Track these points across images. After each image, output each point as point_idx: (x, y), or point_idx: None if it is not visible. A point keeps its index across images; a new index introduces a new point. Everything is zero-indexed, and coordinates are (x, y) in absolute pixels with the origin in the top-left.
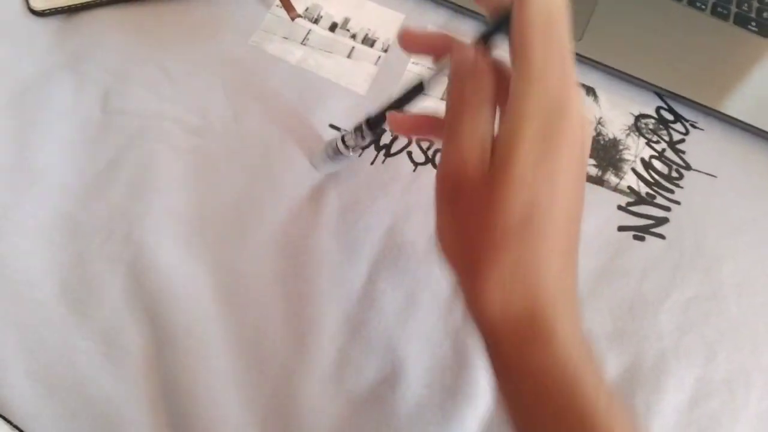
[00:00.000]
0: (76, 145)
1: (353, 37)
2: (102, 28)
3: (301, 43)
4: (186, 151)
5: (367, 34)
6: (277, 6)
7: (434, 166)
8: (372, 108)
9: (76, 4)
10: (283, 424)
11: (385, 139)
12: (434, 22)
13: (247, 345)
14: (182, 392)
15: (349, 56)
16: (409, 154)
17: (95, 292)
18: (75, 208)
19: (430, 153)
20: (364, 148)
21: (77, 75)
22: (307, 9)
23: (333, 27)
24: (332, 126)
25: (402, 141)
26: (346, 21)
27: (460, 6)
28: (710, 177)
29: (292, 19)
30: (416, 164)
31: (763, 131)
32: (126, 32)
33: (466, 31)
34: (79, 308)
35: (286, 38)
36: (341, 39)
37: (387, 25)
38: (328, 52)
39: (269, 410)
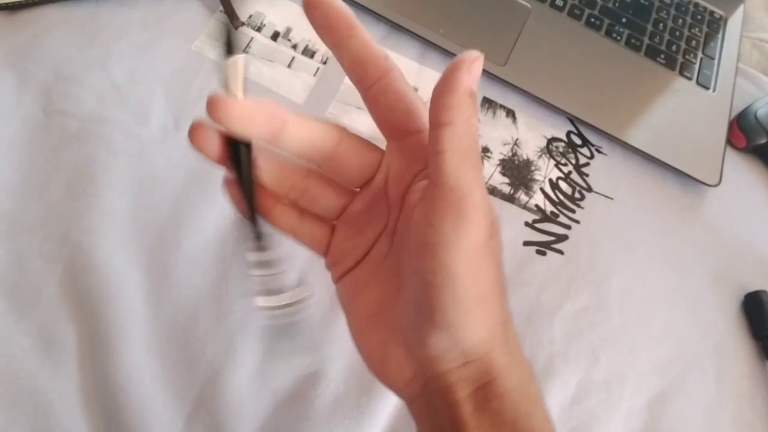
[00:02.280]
0: (17, 144)
1: (294, 47)
2: (45, 26)
3: (243, 51)
4: (125, 155)
5: (307, 45)
6: (221, 12)
7: None
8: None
9: (19, 1)
10: (210, 417)
11: None
12: (372, 36)
13: (177, 344)
14: (114, 386)
15: (289, 66)
16: None
17: (33, 289)
18: (14, 207)
19: None
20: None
21: (19, 73)
22: (250, 17)
23: (275, 36)
24: None
25: None
26: (288, 31)
27: (396, 24)
28: (608, 199)
29: (236, 27)
30: None
31: (658, 160)
32: (69, 32)
33: (403, 50)
34: (17, 305)
35: None
36: (282, 48)
37: None
38: (270, 61)
39: (197, 404)
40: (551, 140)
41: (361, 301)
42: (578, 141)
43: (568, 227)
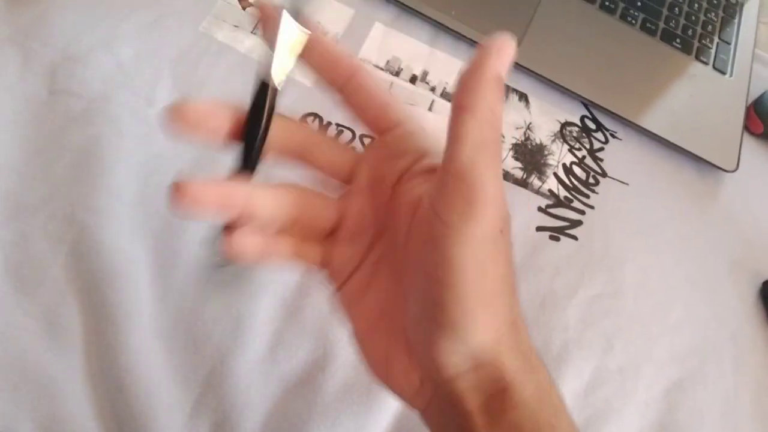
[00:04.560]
0: (21, 124)
1: None
2: (51, 5)
3: (251, 32)
4: (132, 136)
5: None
6: None
7: None
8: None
9: None
10: (217, 401)
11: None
12: (382, 18)
13: (183, 327)
14: (120, 369)
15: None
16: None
17: (37, 270)
18: (18, 187)
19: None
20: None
21: (24, 52)
22: None
23: None
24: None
25: (347, 133)
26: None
27: (407, 6)
28: (623, 184)
29: (243, 8)
30: None
31: (674, 144)
32: (75, 11)
33: (414, 33)
34: (21, 286)
35: (236, 26)
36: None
37: (338, 21)
38: None
39: (204, 388)
40: (565, 124)
41: (362, 309)
42: (592, 125)
43: (582, 212)
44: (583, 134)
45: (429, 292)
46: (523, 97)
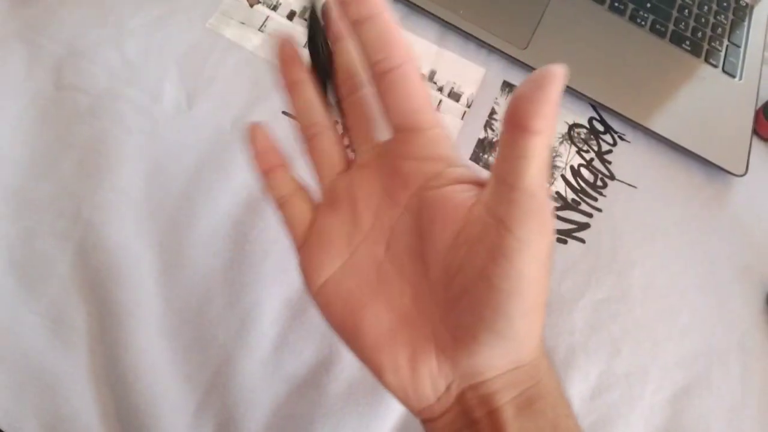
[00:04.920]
0: (28, 120)
1: None
2: (59, 0)
3: (259, 29)
4: (137, 132)
5: None
6: None
7: None
8: None
9: None
10: (222, 402)
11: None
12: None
13: (189, 326)
14: (125, 367)
15: (305, 46)
16: None
17: (43, 267)
18: (25, 184)
19: None
20: None
21: (31, 47)
22: None
23: (291, 15)
24: (285, 113)
25: None
26: (304, 11)
27: (415, 4)
28: (631, 187)
29: (251, 5)
30: None
31: (683, 148)
32: (83, 6)
33: (422, 32)
34: (27, 283)
35: (243, 23)
36: (299, 28)
37: None
38: None
39: (209, 388)
40: (573, 126)
41: (371, 317)
42: (601, 128)
43: (590, 215)
44: (591, 136)
45: (490, 301)
46: None
